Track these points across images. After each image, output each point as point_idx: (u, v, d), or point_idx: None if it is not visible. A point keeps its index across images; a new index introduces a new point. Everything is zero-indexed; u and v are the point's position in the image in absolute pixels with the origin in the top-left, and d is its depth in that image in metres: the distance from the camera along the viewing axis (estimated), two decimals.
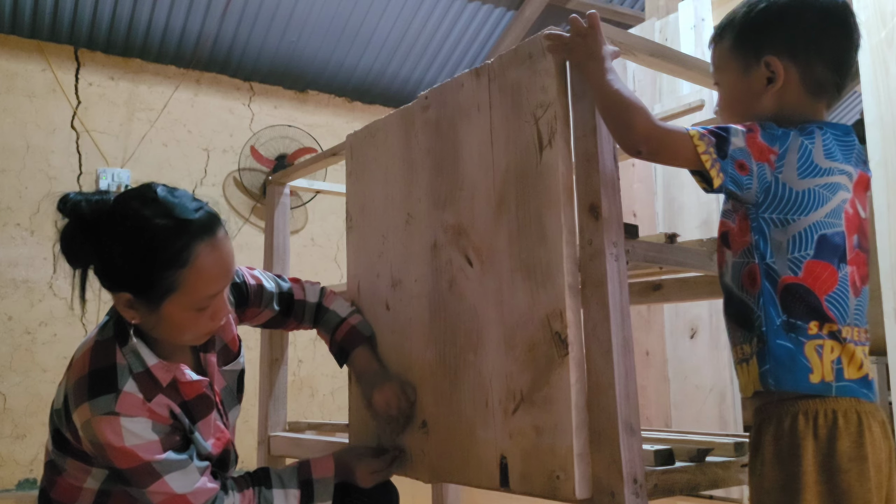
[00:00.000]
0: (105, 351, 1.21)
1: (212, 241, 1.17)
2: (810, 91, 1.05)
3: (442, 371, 1.34)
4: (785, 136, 1.00)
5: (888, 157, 2.34)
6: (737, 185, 0.99)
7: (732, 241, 1.05)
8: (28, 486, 3.60)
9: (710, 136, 0.99)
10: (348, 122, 4.74)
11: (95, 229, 1.17)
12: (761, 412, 1.01)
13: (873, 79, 2.41)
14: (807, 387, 0.96)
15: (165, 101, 4.22)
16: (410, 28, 4.43)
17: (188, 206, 1.18)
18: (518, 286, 1.19)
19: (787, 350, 0.97)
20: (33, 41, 3.92)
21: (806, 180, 0.99)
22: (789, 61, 1.04)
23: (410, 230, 1.46)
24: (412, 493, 2.01)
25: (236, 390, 1.41)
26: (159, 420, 1.20)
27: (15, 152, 3.82)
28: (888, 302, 2.28)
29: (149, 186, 1.20)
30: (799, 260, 0.98)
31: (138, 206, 1.16)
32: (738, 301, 1.03)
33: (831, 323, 0.97)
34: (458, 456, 1.29)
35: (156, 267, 1.14)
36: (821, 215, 0.99)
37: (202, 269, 1.16)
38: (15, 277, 3.74)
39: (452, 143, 1.36)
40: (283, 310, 1.54)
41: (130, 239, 1.15)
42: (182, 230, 1.15)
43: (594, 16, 1.12)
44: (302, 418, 4.08)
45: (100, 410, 1.15)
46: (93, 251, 1.18)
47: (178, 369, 1.24)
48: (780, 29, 1.05)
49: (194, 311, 1.18)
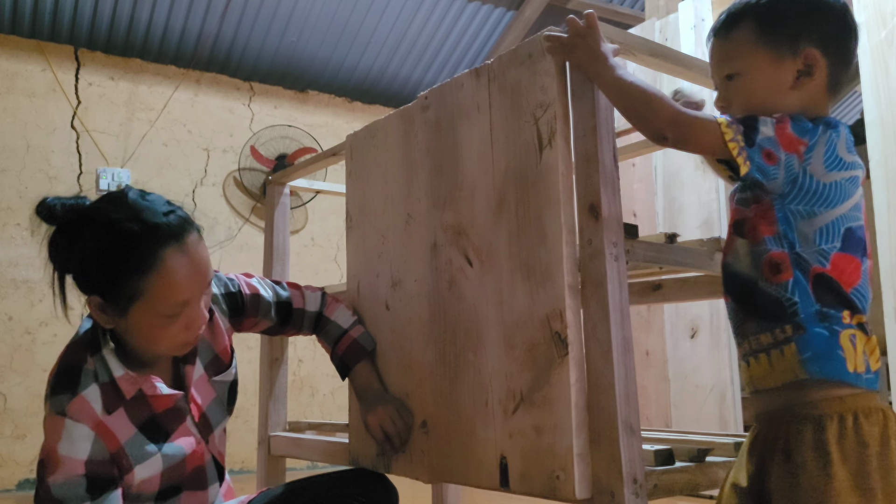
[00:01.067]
0: (76, 352, 1.21)
1: (180, 247, 1.15)
2: (830, 89, 1.05)
3: (442, 371, 1.34)
4: (815, 129, 0.99)
5: (888, 157, 2.34)
6: (763, 174, 0.98)
7: (749, 229, 1.03)
8: (28, 486, 3.60)
9: (739, 125, 0.98)
10: (348, 122, 4.74)
11: (68, 233, 1.17)
12: (794, 409, 0.97)
13: (873, 79, 2.41)
14: (846, 375, 0.95)
15: (165, 101, 4.22)
16: (410, 28, 4.43)
17: (157, 210, 1.16)
18: (518, 286, 1.19)
19: (824, 338, 0.96)
20: (33, 41, 3.92)
21: (832, 173, 0.99)
22: (823, 55, 1.03)
23: (410, 230, 1.46)
24: (412, 493, 2.01)
25: (227, 401, 1.39)
26: (106, 440, 1.16)
27: (15, 152, 3.82)
28: (888, 302, 2.28)
29: (122, 191, 1.19)
30: (826, 252, 0.98)
31: (106, 210, 1.16)
32: (760, 290, 1.01)
33: (859, 314, 0.98)
34: (458, 456, 1.29)
35: (121, 271, 1.13)
36: (846, 209, 0.99)
37: (168, 276, 1.13)
38: (15, 277, 3.74)
39: (452, 143, 1.36)
40: (280, 319, 1.51)
41: (97, 242, 1.14)
42: (148, 235, 1.13)
43: (592, 15, 1.12)
44: (302, 418, 4.08)
45: (54, 408, 1.15)
46: (66, 256, 1.18)
47: (147, 381, 1.21)
48: (817, 20, 1.03)
49: (163, 318, 1.16)
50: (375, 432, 1.42)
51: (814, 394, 0.97)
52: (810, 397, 0.97)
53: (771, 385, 1.01)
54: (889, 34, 2.38)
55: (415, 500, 2.34)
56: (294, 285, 1.57)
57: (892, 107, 2.35)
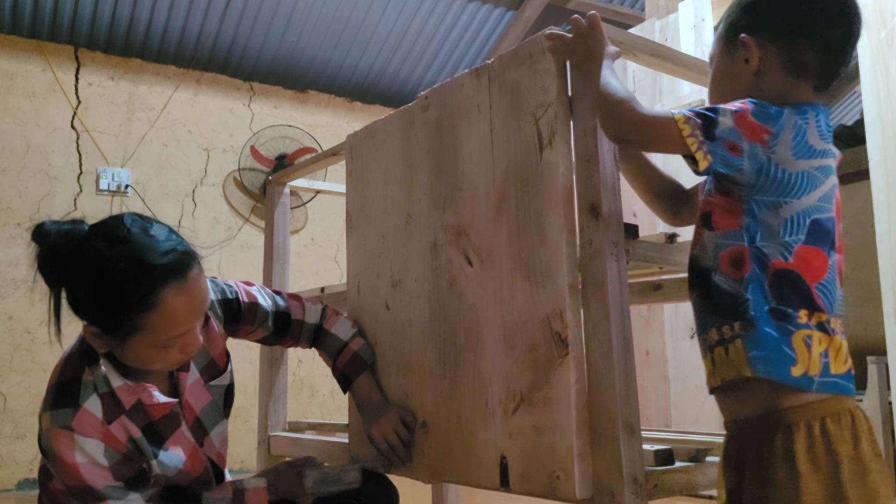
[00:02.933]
0: (74, 365, 1.21)
1: (180, 285, 1.13)
2: (791, 73, 1.03)
3: (442, 371, 1.34)
4: (779, 114, 0.97)
5: (888, 157, 2.34)
6: (728, 167, 0.96)
7: (715, 221, 1.01)
8: (28, 486, 3.60)
9: (696, 119, 0.96)
10: (348, 122, 4.74)
11: (63, 262, 1.14)
12: (765, 418, 0.95)
13: (873, 79, 2.41)
14: (788, 378, 0.92)
15: (165, 101, 4.22)
16: (410, 28, 4.43)
17: (158, 249, 1.13)
18: (518, 286, 1.19)
19: (773, 338, 0.93)
20: (33, 41, 3.92)
21: (800, 161, 0.96)
22: (769, 42, 1.03)
23: (410, 230, 1.46)
24: (412, 493, 2.01)
25: (223, 405, 1.40)
26: (113, 445, 1.19)
27: (15, 152, 3.82)
28: (888, 302, 2.27)
29: (121, 222, 1.16)
30: (790, 245, 0.95)
31: (104, 247, 1.12)
32: (714, 284, 1.00)
33: (820, 312, 0.95)
34: (458, 456, 1.29)
35: (119, 309, 1.11)
36: (814, 199, 0.96)
37: (168, 313, 1.12)
38: (15, 277, 3.74)
39: (452, 143, 1.36)
40: (277, 329, 1.51)
41: (94, 280, 1.12)
42: (147, 275, 1.11)
43: (595, 17, 1.12)
44: (302, 418, 4.08)
45: (57, 423, 1.16)
46: (59, 283, 1.16)
47: (145, 391, 1.23)
48: (763, 11, 1.05)
49: (160, 347, 1.16)
50: (380, 445, 1.42)
51: (780, 401, 0.94)
52: (777, 405, 0.94)
53: (716, 383, 1.00)
54: (889, 34, 2.38)
55: (415, 500, 2.34)
56: (295, 297, 1.56)
57: (892, 107, 2.35)
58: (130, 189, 4.02)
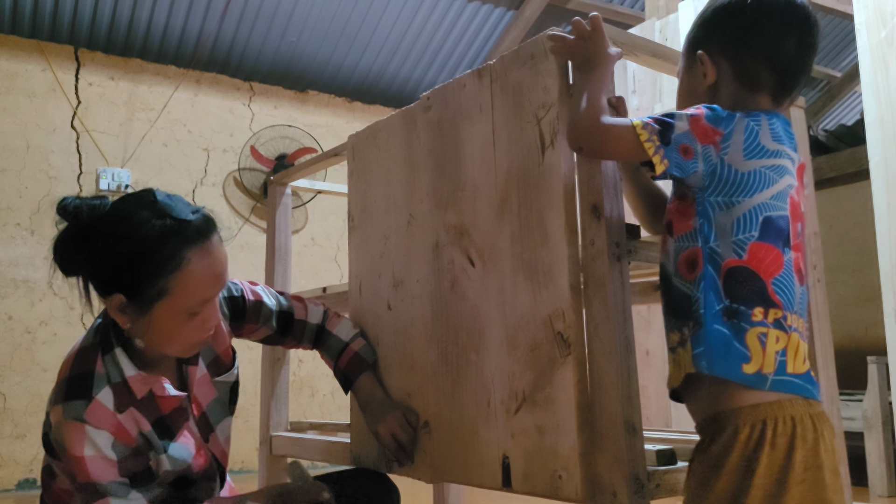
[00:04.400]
0: (86, 357, 1.21)
1: (205, 247, 1.17)
2: (746, 85, 1.05)
3: (444, 371, 1.34)
4: (731, 117, 0.99)
5: (888, 157, 2.34)
6: (681, 170, 0.98)
7: (674, 226, 1.03)
8: (28, 486, 3.60)
9: (654, 124, 0.98)
10: (348, 122, 4.74)
11: (91, 232, 1.16)
12: (720, 419, 0.95)
13: (873, 79, 2.41)
14: (739, 376, 0.92)
15: (165, 101, 4.22)
16: (410, 28, 4.43)
17: (183, 210, 1.18)
18: (520, 286, 1.20)
19: (722, 336, 0.93)
20: (33, 41, 3.92)
21: (751, 161, 0.98)
22: (721, 56, 1.06)
23: (412, 230, 1.46)
24: (413, 493, 2.01)
25: (228, 401, 1.40)
26: (123, 438, 1.19)
27: (15, 152, 3.82)
28: (888, 302, 2.28)
29: (148, 190, 1.21)
30: (743, 242, 0.96)
31: (134, 209, 1.17)
32: (673, 287, 1.01)
33: (777, 309, 0.94)
34: (460, 456, 1.29)
35: (147, 270, 1.13)
36: (766, 196, 0.97)
37: (193, 274, 1.15)
38: (15, 277, 3.74)
39: (454, 143, 1.36)
40: (280, 328, 1.51)
41: (124, 240, 1.14)
42: (174, 234, 1.15)
43: (597, 18, 1.12)
44: (302, 418, 4.08)
45: (70, 415, 1.15)
46: (86, 256, 1.17)
47: (157, 382, 1.23)
48: (715, 26, 1.08)
49: (185, 316, 1.17)
50: (387, 442, 1.41)
51: (729, 401, 0.93)
52: (724, 405, 0.94)
53: (674, 385, 1.00)
54: (889, 34, 2.38)
55: (416, 499, 2.34)
56: (298, 298, 1.57)
57: (892, 107, 2.35)
58: (130, 189, 4.02)
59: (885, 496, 3.09)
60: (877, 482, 3.15)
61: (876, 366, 3.20)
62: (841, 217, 4.10)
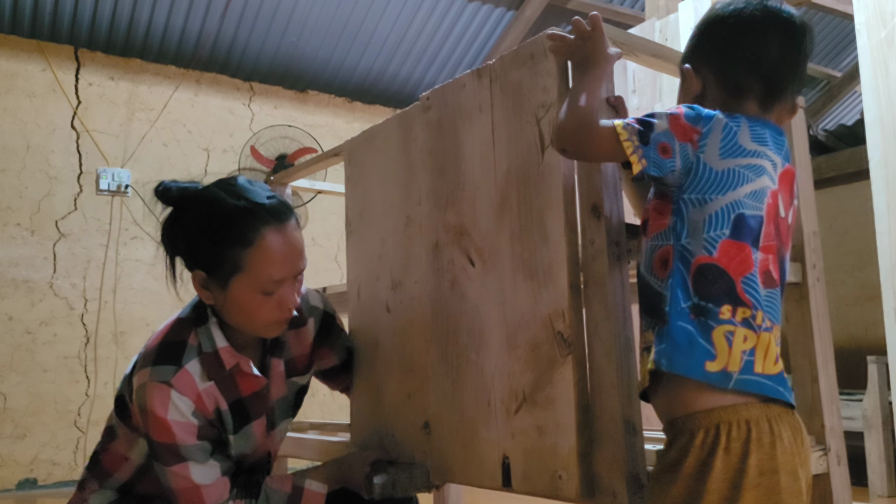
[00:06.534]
0: (181, 328, 1.28)
1: (279, 227, 1.24)
2: (730, 93, 1.06)
3: (444, 371, 1.34)
4: (710, 117, 0.99)
5: (888, 157, 2.34)
6: (659, 169, 0.98)
7: (649, 226, 1.03)
8: (28, 486, 3.60)
9: (635, 125, 0.99)
10: (348, 122, 4.74)
11: (179, 213, 1.27)
12: (677, 424, 0.95)
13: (873, 79, 2.41)
14: (701, 374, 0.91)
15: (165, 101, 4.22)
16: (410, 28, 4.43)
17: (261, 194, 1.26)
18: (520, 286, 1.20)
19: (686, 332, 0.93)
20: (33, 41, 3.92)
21: (727, 160, 0.98)
22: (705, 68, 1.08)
23: (410, 232, 1.46)
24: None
25: (293, 403, 1.44)
26: (202, 410, 1.24)
27: (15, 152, 3.82)
28: (888, 302, 2.28)
29: (233, 176, 1.31)
30: (714, 239, 0.96)
31: (217, 190, 1.26)
32: (648, 287, 1.01)
33: (745, 308, 0.94)
34: (460, 456, 1.29)
35: (223, 244, 1.21)
36: (740, 195, 0.97)
37: (266, 251, 1.21)
38: (15, 277, 3.74)
39: (454, 143, 1.36)
40: (343, 363, 1.56)
41: (205, 217, 1.24)
42: (251, 212, 1.22)
43: (597, 18, 1.12)
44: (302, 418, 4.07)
45: (157, 378, 1.21)
46: (175, 235, 1.27)
47: (244, 359, 1.29)
48: (697, 40, 1.10)
49: (260, 294, 1.23)
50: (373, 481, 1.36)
51: (691, 403, 0.93)
52: (687, 408, 0.93)
53: (644, 384, 1.00)
54: (889, 34, 2.38)
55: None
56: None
57: (892, 107, 2.35)
58: (130, 189, 4.03)
59: (885, 496, 3.10)
60: (877, 482, 3.15)
61: (876, 365, 3.20)
62: (841, 217, 4.10)
